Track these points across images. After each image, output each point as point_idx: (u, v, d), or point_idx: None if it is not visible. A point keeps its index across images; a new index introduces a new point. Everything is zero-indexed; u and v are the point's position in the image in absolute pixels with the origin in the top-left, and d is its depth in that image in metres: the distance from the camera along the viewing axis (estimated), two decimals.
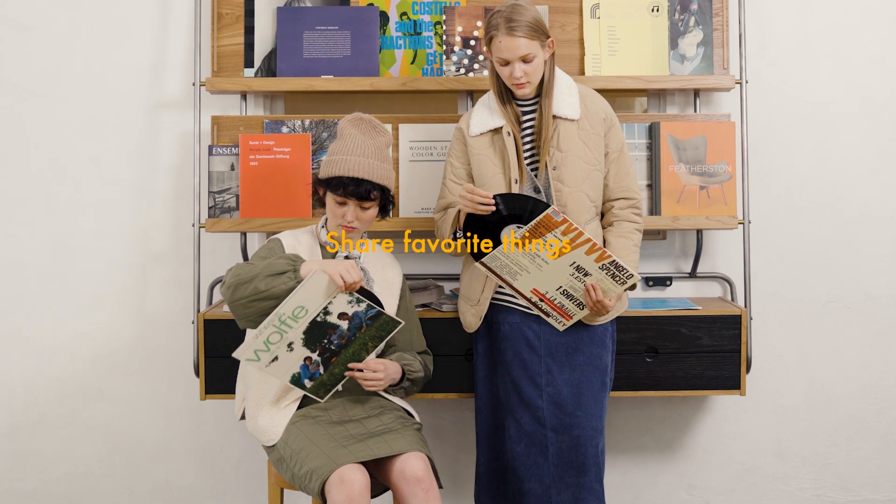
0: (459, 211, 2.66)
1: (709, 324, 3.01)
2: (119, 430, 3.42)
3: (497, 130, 2.73)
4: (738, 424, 3.44)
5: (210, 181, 3.13)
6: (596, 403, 2.72)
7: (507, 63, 2.65)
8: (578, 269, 2.56)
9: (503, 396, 2.77)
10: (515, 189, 2.68)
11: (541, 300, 2.64)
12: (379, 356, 2.70)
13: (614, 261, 2.54)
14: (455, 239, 2.72)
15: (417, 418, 2.75)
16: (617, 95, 3.42)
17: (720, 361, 3.01)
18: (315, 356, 2.56)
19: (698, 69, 3.22)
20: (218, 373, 2.99)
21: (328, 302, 2.48)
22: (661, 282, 3.35)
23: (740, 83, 3.21)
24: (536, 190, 2.71)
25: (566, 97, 2.72)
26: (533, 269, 2.57)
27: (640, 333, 3.00)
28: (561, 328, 2.70)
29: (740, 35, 3.22)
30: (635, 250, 2.75)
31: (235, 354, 2.51)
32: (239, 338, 2.90)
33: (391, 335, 2.58)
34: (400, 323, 2.56)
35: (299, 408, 2.65)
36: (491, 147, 2.73)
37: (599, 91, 2.91)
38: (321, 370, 2.58)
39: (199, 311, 3.17)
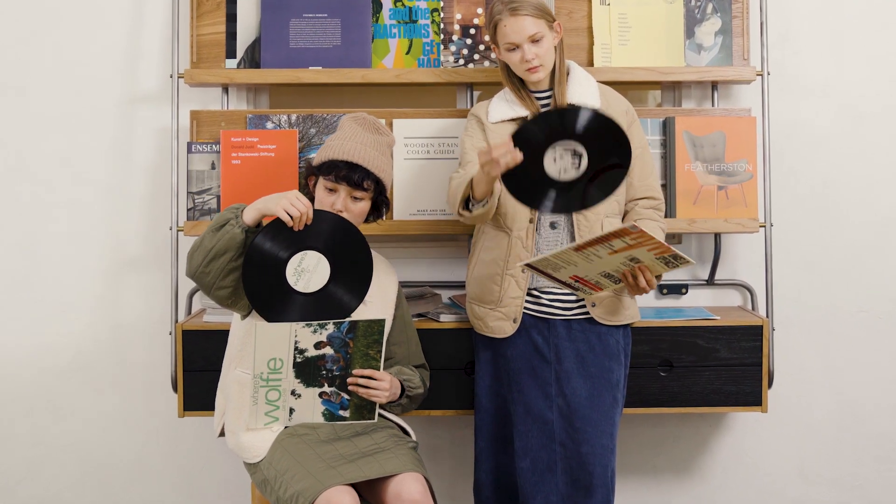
0: (472, 179, 2.60)
1: (728, 335, 3.00)
2: (91, 450, 3.41)
3: (517, 120, 2.75)
4: (760, 443, 3.42)
5: (189, 181, 3.12)
6: (606, 420, 2.71)
7: (515, 47, 2.69)
8: (632, 259, 2.54)
9: (510, 407, 2.77)
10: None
11: (576, 282, 2.63)
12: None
13: (675, 254, 2.52)
14: (468, 209, 2.64)
15: (413, 436, 2.74)
16: (629, 88, 3.40)
17: (740, 375, 3.01)
18: (327, 389, 2.59)
19: (716, 60, 3.21)
20: (197, 388, 2.98)
21: (294, 342, 2.51)
22: (677, 290, 3.34)
23: (762, 75, 3.20)
24: None
25: (584, 87, 2.77)
26: (582, 263, 2.55)
27: (653, 345, 2.99)
28: (584, 297, 2.70)
29: (762, 23, 3.22)
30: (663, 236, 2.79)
31: (248, 426, 2.59)
32: (220, 351, 2.89)
33: (384, 334, 2.58)
34: (382, 320, 2.56)
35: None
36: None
37: (609, 84, 2.91)
38: (346, 397, 2.61)
39: (176, 320, 3.16)
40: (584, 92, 2.76)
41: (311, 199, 2.72)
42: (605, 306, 2.74)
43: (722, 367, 3.00)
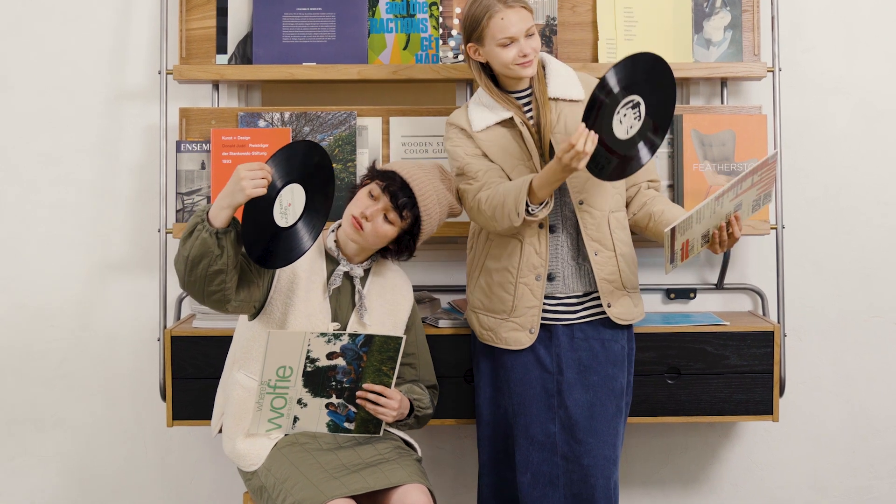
0: (532, 183, 2.55)
1: (737, 341, 3.00)
2: (76, 461, 3.40)
3: (504, 123, 2.71)
4: (771, 454, 3.42)
5: (178, 181, 3.11)
6: (609, 430, 2.70)
7: (512, 41, 2.62)
8: (738, 206, 2.55)
9: (510, 419, 2.75)
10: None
11: (681, 250, 2.60)
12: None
13: (769, 192, 2.55)
14: (530, 214, 2.58)
15: (419, 450, 2.74)
16: None
17: (750, 384, 3.00)
18: (334, 400, 2.59)
19: (726, 55, 3.21)
20: (187, 396, 2.98)
21: (307, 351, 2.50)
22: (684, 294, 3.33)
23: (773, 71, 3.20)
24: None
25: (564, 77, 2.73)
26: (706, 218, 2.54)
27: (660, 352, 2.99)
28: (666, 271, 2.66)
29: (773, 17, 3.21)
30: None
31: (250, 432, 2.58)
32: (210, 358, 2.88)
33: (400, 352, 2.56)
34: (401, 338, 2.54)
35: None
36: (502, 139, 2.71)
37: None
38: (353, 409, 2.61)
39: (165, 326, 3.15)
40: (565, 83, 2.71)
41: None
42: (621, 305, 2.73)
43: (731, 375, 3.00)
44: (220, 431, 2.75)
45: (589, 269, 2.71)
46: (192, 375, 2.97)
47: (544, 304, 2.71)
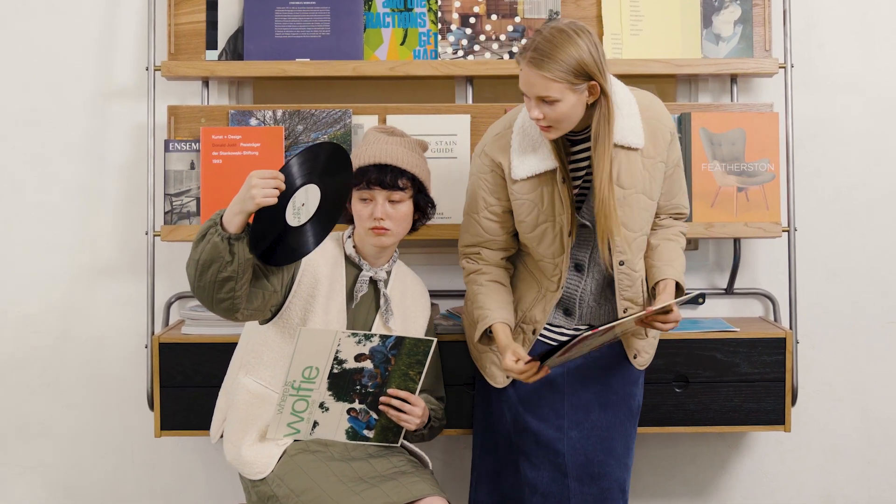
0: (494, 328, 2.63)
1: (748, 348, 2.99)
2: (61, 471, 3.40)
3: (548, 174, 2.56)
4: (782, 465, 3.41)
5: (166, 182, 3.11)
6: (625, 450, 2.70)
7: (525, 94, 2.46)
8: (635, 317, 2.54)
9: (515, 437, 2.72)
10: (567, 241, 2.59)
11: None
12: None
13: (667, 308, 2.51)
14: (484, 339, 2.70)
15: (430, 463, 2.73)
16: (641, 82, 3.36)
17: (761, 392, 3.00)
18: (357, 405, 2.58)
19: (736, 51, 3.20)
20: (175, 405, 2.97)
21: (335, 351, 2.48)
22: (693, 299, 3.30)
23: (785, 67, 3.20)
24: (583, 226, 2.62)
25: (626, 119, 2.53)
26: (592, 344, 2.55)
27: (667, 359, 2.98)
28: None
29: (785, 11, 3.21)
30: (683, 254, 2.70)
31: (269, 436, 2.57)
32: (199, 365, 2.86)
33: (430, 356, 2.55)
34: (432, 341, 2.53)
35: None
36: (536, 191, 2.57)
37: (619, 77, 2.85)
38: (374, 416, 2.60)
39: (153, 332, 3.14)
40: (628, 126, 2.52)
41: (350, 219, 2.70)
42: (645, 352, 2.73)
43: (742, 383, 2.99)
44: (221, 437, 2.73)
45: (609, 309, 2.68)
46: (181, 384, 2.96)
47: (559, 329, 2.70)
